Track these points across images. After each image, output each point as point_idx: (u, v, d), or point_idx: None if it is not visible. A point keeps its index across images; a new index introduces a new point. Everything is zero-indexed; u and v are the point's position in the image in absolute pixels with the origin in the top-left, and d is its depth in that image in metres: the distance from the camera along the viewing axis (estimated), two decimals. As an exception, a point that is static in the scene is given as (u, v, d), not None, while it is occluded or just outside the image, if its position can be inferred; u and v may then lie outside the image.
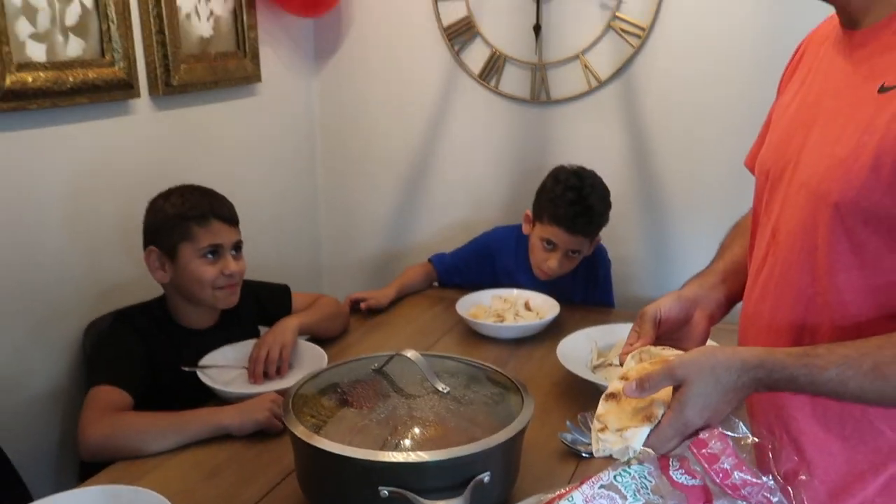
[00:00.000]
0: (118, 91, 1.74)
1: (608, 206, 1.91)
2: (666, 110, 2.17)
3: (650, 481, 0.89)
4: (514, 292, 1.92)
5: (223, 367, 1.53)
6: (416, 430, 1.09)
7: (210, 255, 1.50)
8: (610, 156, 2.24)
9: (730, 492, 0.84)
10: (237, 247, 1.57)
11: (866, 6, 0.91)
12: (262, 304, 1.73)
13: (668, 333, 1.06)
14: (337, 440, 1.03)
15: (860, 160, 0.86)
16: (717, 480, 0.84)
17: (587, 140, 2.27)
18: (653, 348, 0.98)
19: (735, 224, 1.23)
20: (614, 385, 0.93)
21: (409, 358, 1.17)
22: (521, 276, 2.01)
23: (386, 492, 0.98)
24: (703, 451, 0.85)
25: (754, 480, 0.84)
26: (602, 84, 2.22)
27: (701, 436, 0.86)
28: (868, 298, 0.89)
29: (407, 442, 1.07)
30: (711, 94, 2.11)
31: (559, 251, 1.88)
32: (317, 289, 2.59)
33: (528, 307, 1.88)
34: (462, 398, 1.15)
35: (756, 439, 0.88)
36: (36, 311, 1.64)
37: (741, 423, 0.90)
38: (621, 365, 1.00)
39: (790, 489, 0.87)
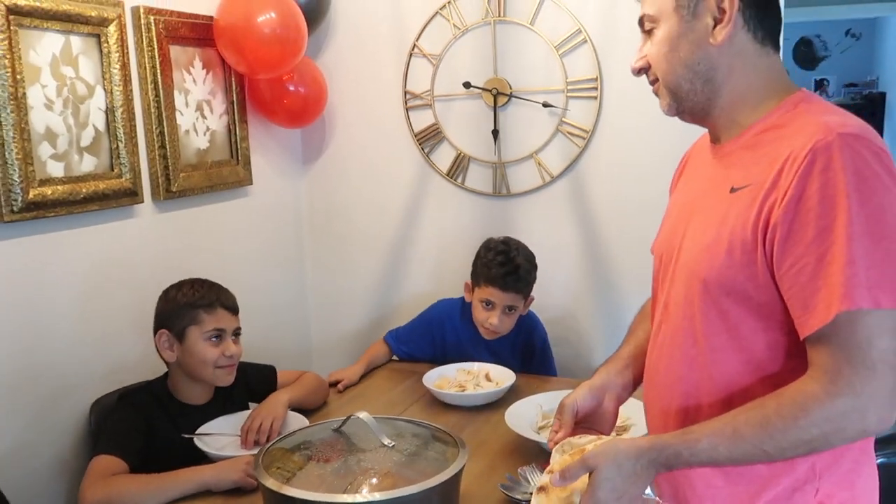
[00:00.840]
0: (125, 198, 2.01)
1: (534, 266, 2.19)
2: (611, 200, 2.43)
3: None
4: (476, 366, 2.13)
5: (218, 435, 1.73)
6: (367, 479, 1.29)
7: (214, 339, 1.73)
8: (564, 240, 2.49)
9: None
10: (237, 332, 1.79)
11: (724, 127, 1.15)
12: (250, 383, 1.94)
13: (585, 419, 1.28)
14: (300, 489, 1.23)
15: (719, 246, 1.08)
16: None
17: (543, 227, 2.52)
18: (573, 439, 1.17)
19: (640, 308, 1.44)
20: (542, 479, 1.13)
21: (362, 419, 1.38)
22: (466, 339, 2.25)
23: (340, 531, 1.18)
24: None
25: None
26: (554, 179, 2.49)
27: None
28: (736, 357, 1.09)
29: (359, 488, 1.27)
30: (651, 187, 2.33)
31: (497, 308, 2.13)
32: (307, 364, 2.80)
33: (488, 378, 2.09)
34: (406, 451, 1.36)
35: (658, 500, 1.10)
36: (46, 389, 1.86)
37: (649, 487, 1.09)
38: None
39: None
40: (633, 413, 1.70)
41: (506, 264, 2.12)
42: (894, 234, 0.96)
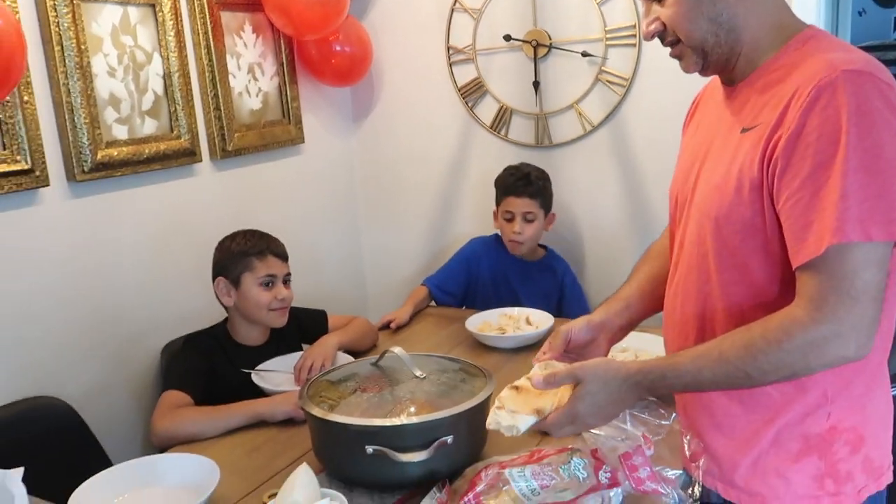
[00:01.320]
0: (184, 157, 2.16)
1: (546, 178, 2.41)
2: (651, 148, 2.46)
3: (583, 473, 1.18)
4: (517, 310, 2.22)
5: (273, 372, 1.88)
6: (403, 407, 1.41)
7: (266, 284, 1.87)
8: (605, 188, 2.54)
9: (639, 491, 1.12)
10: (287, 278, 1.93)
11: (740, 70, 1.15)
12: (303, 326, 2.09)
13: (575, 350, 1.33)
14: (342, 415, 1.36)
15: (729, 184, 1.10)
16: (633, 485, 1.11)
17: (585, 176, 2.57)
18: (555, 363, 1.24)
19: (646, 250, 1.49)
20: (520, 381, 1.20)
21: (396, 354, 1.50)
22: (500, 270, 2.42)
23: (371, 449, 1.30)
24: (628, 461, 1.12)
25: (656, 487, 1.11)
26: (595, 128, 2.52)
27: (628, 450, 1.12)
28: (746, 291, 1.12)
29: (396, 415, 1.39)
30: (691, 131, 2.38)
31: (517, 217, 2.35)
32: (363, 311, 2.96)
33: (528, 322, 2.17)
34: (441, 382, 1.46)
35: (676, 426, 1.16)
36: (121, 334, 2.05)
37: (674, 414, 1.16)
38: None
39: (694, 464, 1.14)
40: (649, 346, 1.78)
41: (515, 174, 2.39)
42: (890, 168, 0.99)
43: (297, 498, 1.19)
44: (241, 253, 1.87)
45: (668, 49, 1.18)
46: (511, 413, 1.15)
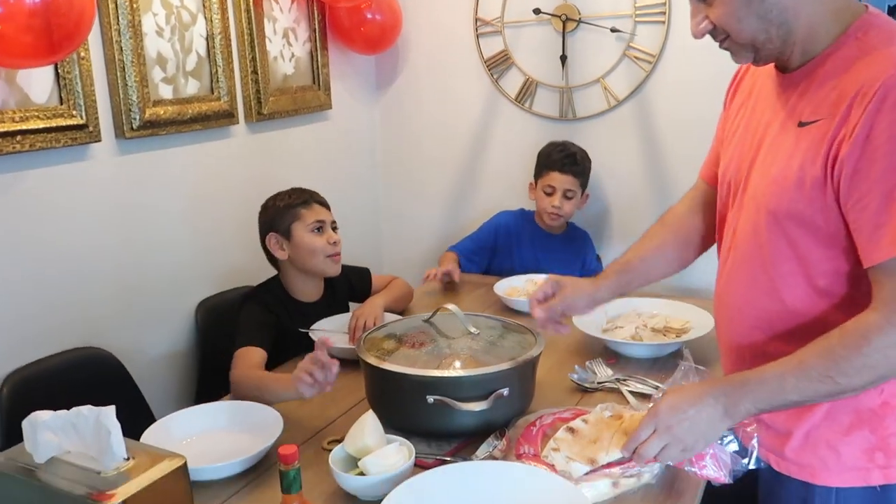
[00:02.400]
0: (223, 119, 2.20)
1: (588, 159, 2.49)
2: (675, 124, 2.53)
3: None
4: (543, 277, 2.28)
5: (328, 331, 1.92)
6: (454, 360, 1.48)
7: (317, 230, 1.90)
8: (628, 163, 2.61)
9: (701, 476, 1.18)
10: (334, 225, 1.96)
11: (796, 58, 1.13)
12: (351, 283, 2.12)
13: (561, 301, 1.45)
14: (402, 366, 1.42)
15: (787, 180, 1.11)
16: (696, 470, 1.17)
17: (608, 150, 2.63)
18: (617, 406, 1.37)
19: (662, 215, 1.54)
20: (575, 423, 1.32)
21: (450, 311, 1.56)
22: (527, 243, 2.51)
23: (432, 399, 1.36)
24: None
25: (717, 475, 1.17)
26: (620, 103, 2.58)
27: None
28: (803, 282, 1.14)
29: (449, 366, 1.45)
30: (717, 111, 2.44)
31: (558, 192, 2.43)
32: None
33: (554, 290, 2.24)
34: (489, 339, 1.53)
35: None
36: (159, 292, 2.10)
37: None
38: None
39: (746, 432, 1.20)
40: (693, 316, 1.86)
41: (563, 151, 2.46)
42: None
43: (367, 442, 1.26)
44: (287, 206, 1.92)
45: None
46: (567, 459, 1.24)
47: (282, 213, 1.92)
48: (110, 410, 1.13)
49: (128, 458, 1.11)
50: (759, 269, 1.19)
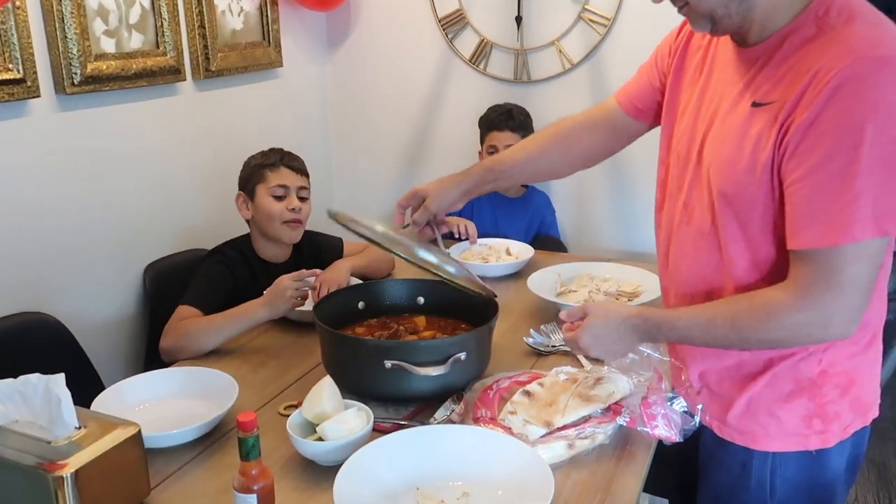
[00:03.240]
0: (169, 75, 2.12)
1: (527, 115, 2.52)
2: (628, 88, 2.54)
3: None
4: (497, 241, 2.30)
5: None
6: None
7: (278, 194, 1.86)
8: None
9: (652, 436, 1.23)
10: (303, 192, 1.92)
11: (755, 33, 1.09)
12: (321, 250, 2.08)
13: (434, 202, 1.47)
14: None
15: (740, 163, 1.09)
16: (649, 430, 1.22)
17: (562, 113, 2.55)
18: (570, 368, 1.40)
19: (542, 131, 1.58)
20: (532, 387, 1.33)
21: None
22: (487, 208, 2.52)
23: (389, 364, 1.36)
24: (648, 410, 1.23)
25: (668, 434, 1.21)
26: (574, 66, 2.58)
27: (649, 399, 1.23)
28: (749, 263, 1.14)
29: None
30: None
31: (501, 150, 2.36)
32: None
33: (508, 252, 2.26)
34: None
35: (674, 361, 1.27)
36: (106, 253, 2.04)
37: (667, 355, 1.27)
38: None
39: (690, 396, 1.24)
40: (644, 281, 1.89)
41: (498, 109, 2.50)
42: None
43: (325, 407, 1.25)
44: (257, 166, 1.88)
45: None
46: (524, 422, 1.26)
47: (251, 172, 1.89)
48: (60, 378, 1.10)
49: (79, 427, 1.09)
50: (710, 248, 1.19)
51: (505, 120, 2.46)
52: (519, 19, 2.58)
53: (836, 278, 1.01)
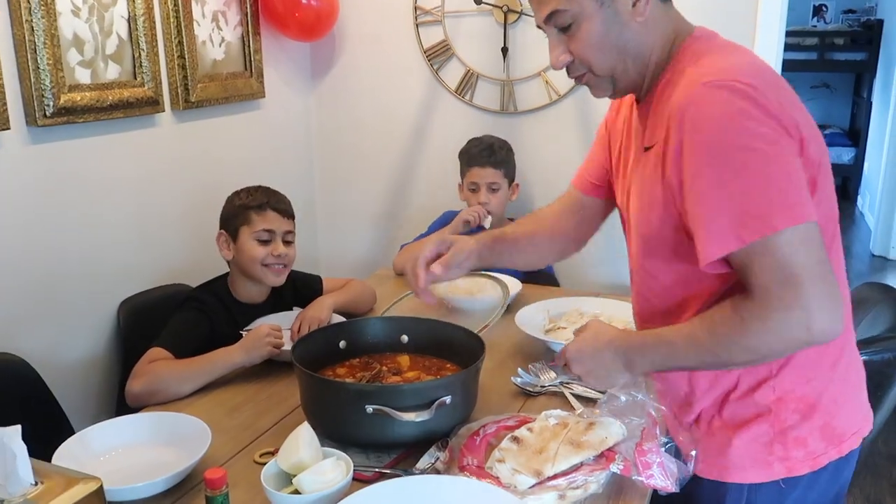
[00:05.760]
0: (147, 107, 2.07)
1: (509, 149, 2.43)
2: (616, 119, 2.51)
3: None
4: (482, 275, 2.24)
5: None
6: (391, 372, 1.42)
7: (263, 238, 1.81)
8: (569, 156, 2.57)
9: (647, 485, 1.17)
10: (288, 237, 1.86)
11: (646, 88, 1.18)
12: (299, 289, 2.01)
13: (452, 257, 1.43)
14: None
15: (646, 206, 1.17)
16: (644, 479, 1.16)
17: (549, 144, 2.60)
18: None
19: (522, 219, 1.64)
20: (520, 432, 1.28)
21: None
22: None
23: (371, 409, 1.30)
24: (643, 458, 1.17)
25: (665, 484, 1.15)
26: (561, 97, 2.55)
27: (644, 446, 1.17)
28: (676, 286, 1.20)
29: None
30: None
31: (482, 187, 2.37)
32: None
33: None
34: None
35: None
36: (79, 291, 1.96)
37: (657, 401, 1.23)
38: None
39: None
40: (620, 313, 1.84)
41: (479, 144, 2.41)
42: (755, 168, 1.00)
43: (302, 457, 1.19)
44: (242, 206, 1.82)
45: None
46: (512, 471, 1.20)
47: (235, 212, 1.83)
48: (15, 431, 1.03)
49: (36, 483, 1.01)
50: (651, 285, 1.25)
51: (487, 156, 2.38)
52: (505, 50, 2.56)
53: (787, 273, 0.99)
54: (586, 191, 1.49)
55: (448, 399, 1.33)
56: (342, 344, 1.58)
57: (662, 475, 1.16)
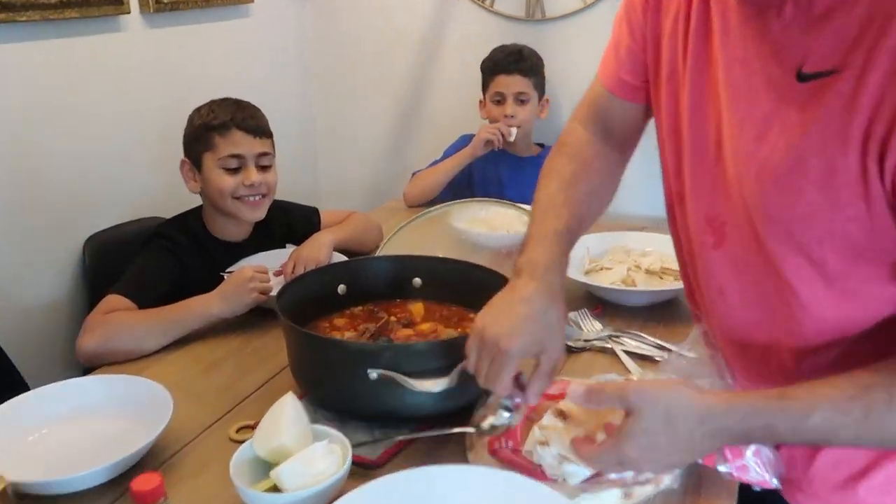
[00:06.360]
0: (108, 6, 1.74)
1: (540, 58, 2.16)
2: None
3: None
4: (506, 207, 1.93)
5: None
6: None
7: (230, 166, 1.51)
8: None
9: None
10: (263, 160, 1.55)
11: None
12: (292, 224, 1.73)
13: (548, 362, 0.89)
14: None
15: (802, 179, 0.73)
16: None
17: (584, 56, 2.22)
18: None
19: (569, 154, 1.08)
20: (566, 404, 0.95)
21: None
22: (493, 172, 2.16)
23: (375, 374, 1.01)
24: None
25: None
26: (596, 2, 2.20)
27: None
28: (832, 305, 0.80)
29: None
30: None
31: (508, 98, 2.10)
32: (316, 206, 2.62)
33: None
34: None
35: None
36: (37, 225, 1.68)
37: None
38: None
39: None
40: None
41: (506, 49, 2.14)
42: None
43: (284, 440, 0.91)
44: (203, 127, 1.51)
45: None
46: (560, 458, 0.89)
47: (196, 134, 1.52)
48: None
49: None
50: (772, 287, 0.83)
51: (514, 61, 2.09)
52: (531, -56, 2.19)
53: None
54: (626, 94, 1.04)
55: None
56: (341, 289, 1.30)
57: (758, 465, 0.87)
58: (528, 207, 1.89)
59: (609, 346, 1.29)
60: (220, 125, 1.50)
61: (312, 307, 1.25)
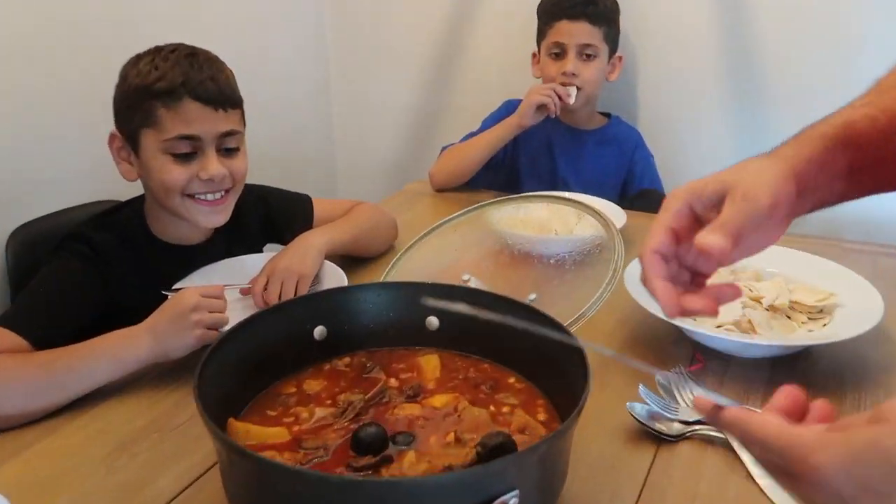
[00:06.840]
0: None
1: (616, 4, 1.80)
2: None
3: None
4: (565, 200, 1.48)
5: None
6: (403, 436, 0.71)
7: (180, 151, 1.08)
8: (692, 22, 1.87)
9: None
10: (228, 142, 1.12)
11: None
12: (272, 216, 1.33)
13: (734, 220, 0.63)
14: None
15: None
16: None
17: (671, 6, 1.89)
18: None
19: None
20: None
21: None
22: (543, 144, 1.82)
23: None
24: None
25: None
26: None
27: None
28: None
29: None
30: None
31: (570, 51, 1.74)
32: (331, 193, 2.33)
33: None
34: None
35: None
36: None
37: None
38: None
39: None
40: (837, 281, 1.08)
41: None
42: None
43: None
44: (141, 91, 1.07)
45: None
46: None
47: (130, 100, 1.08)
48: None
49: None
50: None
51: (583, 5, 1.72)
52: None
53: None
54: None
55: (514, 499, 0.62)
56: (318, 332, 0.89)
57: None
58: (588, 200, 1.45)
59: (721, 435, 0.84)
60: (165, 91, 1.05)
61: (271, 361, 0.84)
